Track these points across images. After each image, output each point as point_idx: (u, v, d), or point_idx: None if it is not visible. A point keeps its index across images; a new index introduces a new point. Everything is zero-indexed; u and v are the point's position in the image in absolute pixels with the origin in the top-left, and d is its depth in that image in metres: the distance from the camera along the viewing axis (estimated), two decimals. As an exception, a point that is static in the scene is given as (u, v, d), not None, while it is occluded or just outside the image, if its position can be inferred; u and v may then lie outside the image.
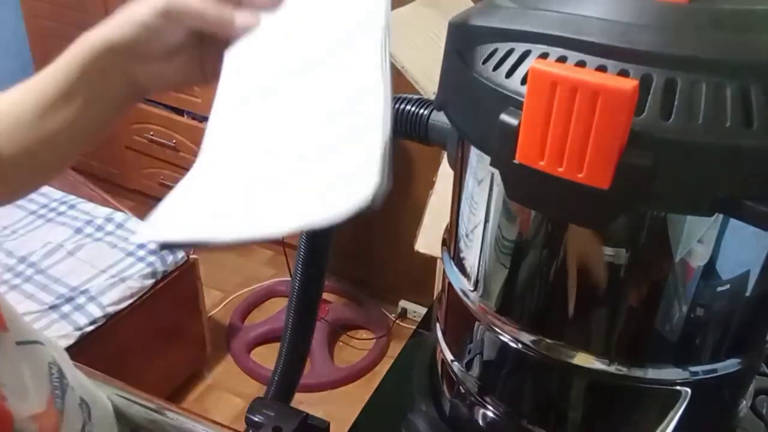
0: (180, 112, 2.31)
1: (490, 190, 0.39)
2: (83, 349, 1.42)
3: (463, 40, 0.38)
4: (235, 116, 0.44)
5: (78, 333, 1.44)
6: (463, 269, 0.45)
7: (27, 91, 0.49)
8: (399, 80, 1.18)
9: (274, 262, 2.43)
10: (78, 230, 1.71)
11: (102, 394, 0.67)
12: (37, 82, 0.49)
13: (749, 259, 0.36)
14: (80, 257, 1.63)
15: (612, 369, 0.38)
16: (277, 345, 0.62)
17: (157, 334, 1.72)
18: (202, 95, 2.19)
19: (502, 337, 0.42)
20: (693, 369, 0.38)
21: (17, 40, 2.52)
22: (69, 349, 0.76)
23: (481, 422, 0.47)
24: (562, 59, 0.32)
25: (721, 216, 0.33)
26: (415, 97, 0.47)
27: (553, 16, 0.34)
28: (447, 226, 0.48)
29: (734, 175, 0.30)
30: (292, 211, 0.35)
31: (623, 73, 0.30)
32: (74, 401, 0.57)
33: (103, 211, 1.78)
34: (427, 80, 1.12)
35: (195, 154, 0.43)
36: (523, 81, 0.33)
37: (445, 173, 1.11)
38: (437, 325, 0.51)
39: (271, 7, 0.46)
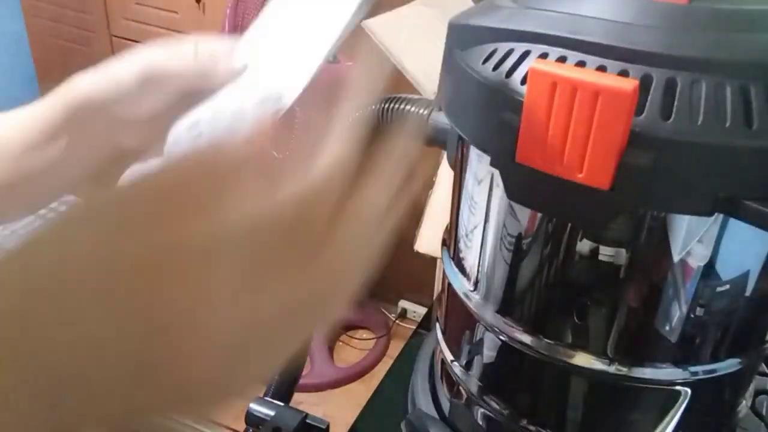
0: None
1: (490, 190, 0.39)
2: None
3: (463, 40, 0.38)
4: None
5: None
6: (462, 269, 0.45)
7: (14, 125, 0.47)
8: (399, 80, 1.18)
9: (274, 262, 2.43)
10: (78, 230, 1.71)
11: None
12: (26, 116, 0.47)
13: (749, 259, 0.36)
14: (80, 257, 1.62)
15: (612, 369, 0.38)
16: (277, 345, 0.62)
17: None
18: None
19: (502, 338, 0.42)
20: (693, 369, 0.38)
21: (17, 40, 2.52)
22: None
23: (481, 422, 0.47)
24: (562, 59, 0.32)
25: (721, 216, 0.33)
26: (415, 97, 0.47)
27: (553, 16, 0.34)
28: (447, 226, 0.48)
29: (734, 175, 0.30)
30: None
31: (623, 73, 0.30)
32: None
33: (103, 211, 1.78)
34: (427, 80, 1.12)
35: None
36: (523, 81, 0.33)
37: (445, 173, 1.11)
38: (437, 325, 0.51)
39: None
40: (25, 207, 0.51)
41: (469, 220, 0.43)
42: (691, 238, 0.34)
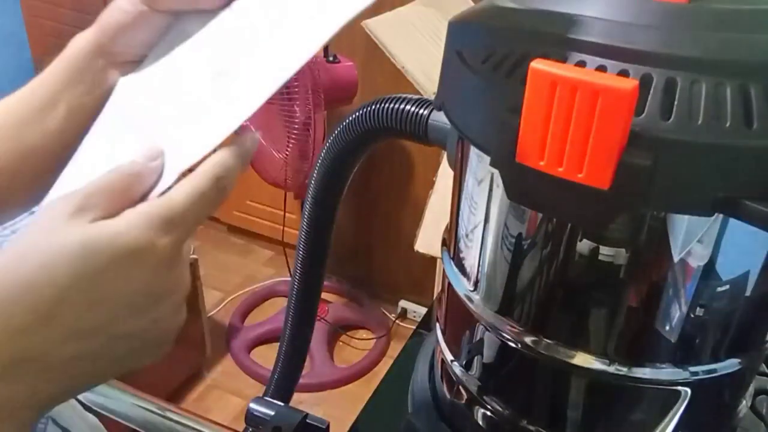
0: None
1: (490, 190, 0.39)
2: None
3: (463, 40, 0.38)
4: None
5: (78, 333, 1.44)
6: (462, 269, 0.45)
7: (9, 103, 0.48)
8: (399, 80, 1.18)
9: (274, 262, 2.43)
10: (78, 230, 1.71)
11: (89, 415, 0.66)
12: (21, 93, 0.48)
13: (749, 259, 0.36)
14: (80, 257, 1.63)
15: (612, 369, 0.38)
16: (277, 345, 0.62)
17: (156, 334, 1.72)
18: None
19: (502, 338, 0.42)
20: (693, 369, 0.38)
21: (17, 40, 2.52)
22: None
23: (481, 422, 0.47)
24: (562, 59, 0.32)
25: (721, 216, 0.33)
26: (415, 97, 0.47)
27: (553, 16, 0.34)
28: (447, 226, 0.48)
29: (734, 175, 0.30)
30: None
31: (623, 73, 0.30)
32: None
33: (103, 211, 1.78)
34: (427, 80, 1.12)
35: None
36: (523, 81, 0.33)
37: (445, 173, 1.11)
38: (437, 325, 0.51)
39: None
40: (29, 192, 0.51)
41: (469, 220, 0.43)
42: (691, 238, 0.34)
